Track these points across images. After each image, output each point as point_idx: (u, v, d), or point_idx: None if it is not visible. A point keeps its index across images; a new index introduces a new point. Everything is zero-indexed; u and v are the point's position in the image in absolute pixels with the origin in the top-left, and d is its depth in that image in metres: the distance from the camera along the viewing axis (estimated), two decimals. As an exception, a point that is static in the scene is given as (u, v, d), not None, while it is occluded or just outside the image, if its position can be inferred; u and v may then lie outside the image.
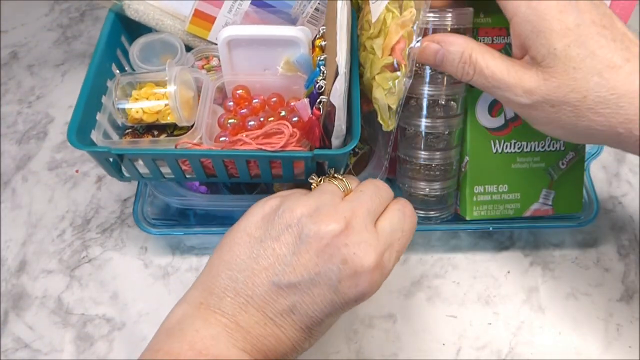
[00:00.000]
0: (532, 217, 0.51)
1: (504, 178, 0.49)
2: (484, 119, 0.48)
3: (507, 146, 0.48)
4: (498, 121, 0.48)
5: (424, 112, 0.46)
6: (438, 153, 0.47)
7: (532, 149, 0.49)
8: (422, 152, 0.47)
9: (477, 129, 0.48)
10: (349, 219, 0.35)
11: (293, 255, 0.34)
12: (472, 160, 0.49)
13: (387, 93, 0.45)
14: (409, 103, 0.46)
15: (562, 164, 0.49)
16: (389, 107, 0.45)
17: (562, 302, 0.51)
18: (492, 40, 0.46)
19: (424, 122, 0.46)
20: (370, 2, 0.47)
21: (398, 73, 0.44)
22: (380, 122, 0.46)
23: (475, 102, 0.47)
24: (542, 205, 0.50)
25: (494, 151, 0.48)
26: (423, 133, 0.47)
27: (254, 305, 0.34)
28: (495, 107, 0.47)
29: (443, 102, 0.46)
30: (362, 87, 0.47)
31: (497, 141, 0.48)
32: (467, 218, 0.50)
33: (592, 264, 0.54)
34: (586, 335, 0.50)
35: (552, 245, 0.55)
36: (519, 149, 0.49)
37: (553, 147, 0.49)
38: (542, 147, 0.49)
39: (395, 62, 0.44)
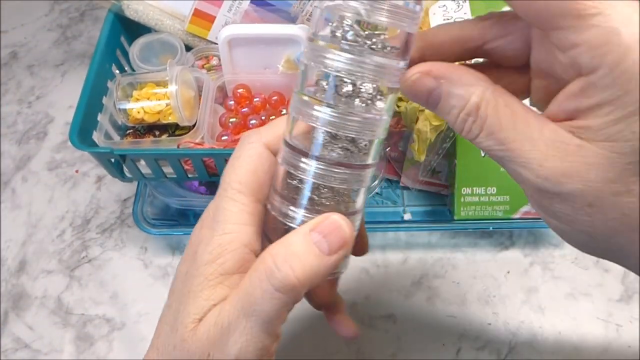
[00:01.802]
0: (524, 218, 0.51)
1: (492, 181, 0.50)
2: None
3: None
4: None
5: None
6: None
7: None
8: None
9: None
10: None
11: None
12: (460, 163, 0.49)
13: (431, 128, 0.46)
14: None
15: None
16: (430, 140, 0.46)
17: (562, 302, 0.51)
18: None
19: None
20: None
21: None
22: (413, 151, 0.48)
23: None
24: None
25: (483, 154, 0.49)
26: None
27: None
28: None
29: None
30: (400, 113, 0.48)
31: None
32: (455, 218, 0.51)
33: (592, 264, 0.54)
34: (586, 335, 0.50)
35: (552, 245, 0.55)
36: None
37: None
38: None
39: None
